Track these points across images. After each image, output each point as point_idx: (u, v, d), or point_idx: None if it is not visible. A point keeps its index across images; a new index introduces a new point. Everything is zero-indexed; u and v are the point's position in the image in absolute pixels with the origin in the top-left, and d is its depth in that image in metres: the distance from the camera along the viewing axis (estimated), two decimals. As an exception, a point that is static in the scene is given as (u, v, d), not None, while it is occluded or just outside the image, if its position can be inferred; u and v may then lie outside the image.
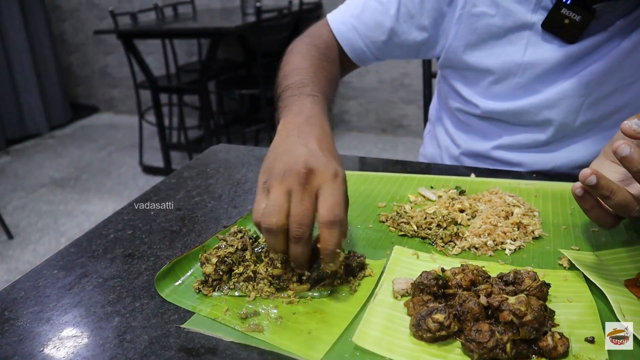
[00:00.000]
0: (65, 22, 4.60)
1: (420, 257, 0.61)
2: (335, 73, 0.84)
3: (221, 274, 0.57)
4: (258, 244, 0.60)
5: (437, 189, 0.77)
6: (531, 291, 0.51)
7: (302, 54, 0.82)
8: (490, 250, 0.62)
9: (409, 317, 0.51)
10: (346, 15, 0.88)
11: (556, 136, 0.82)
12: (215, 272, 0.57)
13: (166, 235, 0.70)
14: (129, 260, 0.65)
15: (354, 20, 0.87)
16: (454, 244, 0.64)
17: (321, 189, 0.52)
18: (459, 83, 0.88)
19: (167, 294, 0.57)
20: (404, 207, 0.72)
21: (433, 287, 0.51)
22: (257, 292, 0.56)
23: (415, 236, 0.66)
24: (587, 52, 0.76)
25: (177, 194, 0.82)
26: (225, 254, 0.58)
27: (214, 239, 0.65)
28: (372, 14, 0.86)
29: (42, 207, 3.00)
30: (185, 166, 0.94)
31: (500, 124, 0.86)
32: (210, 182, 0.86)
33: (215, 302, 0.55)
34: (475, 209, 0.70)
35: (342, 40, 0.87)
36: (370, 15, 0.86)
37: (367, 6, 0.87)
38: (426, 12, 0.83)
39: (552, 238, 0.65)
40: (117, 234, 0.71)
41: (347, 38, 0.87)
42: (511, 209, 0.68)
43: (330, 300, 0.54)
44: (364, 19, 0.86)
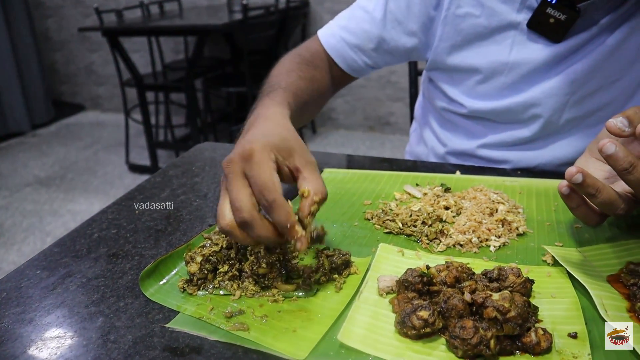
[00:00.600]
0: (49, 19, 4.54)
1: (405, 254, 0.61)
2: (316, 74, 0.85)
3: (206, 272, 0.57)
4: (243, 243, 0.60)
5: (422, 187, 0.77)
6: (515, 287, 0.52)
7: (282, 63, 0.84)
8: (475, 247, 0.62)
9: (394, 315, 0.51)
10: (334, 27, 0.89)
11: (541, 134, 0.83)
12: (200, 271, 0.57)
13: (151, 234, 0.70)
14: (113, 259, 0.64)
15: (342, 31, 0.88)
16: (439, 241, 0.64)
17: (246, 173, 0.52)
18: (444, 83, 0.88)
19: (152, 294, 0.56)
20: (390, 205, 0.72)
21: (418, 285, 0.52)
22: (242, 290, 0.56)
23: (401, 233, 0.66)
24: (572, 50, 0.77)
25: (162, 193, 0.82)
26: (210, 252, 0.57)
27: (198, 238, 0.65)
28: (358, 24, 0.87)
29: (26, 207, 2.97)
30: (171, 164, 0.93)
31: (486, 123, 0.87)
32: (196, 181, 0.86)
33: (200, 301, 0.55)
34: (460, 206, 0.70)
35: (333, 52, 0.88)
36: (357, 24, 0.87)
37: (353, 16, 0.88)
38: (414, 17, 0.84)
39: (536, 234, 0.65)
40: (102, 233, 0.71)
41: (337, 49, 0.88)
42: (496, 206, 0.68)
43: (315, 299, 0.54)
44: (352, 29, 0.87)
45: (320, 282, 0.56)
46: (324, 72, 0.87)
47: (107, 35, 2.96)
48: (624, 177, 0.50)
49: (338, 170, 0.84)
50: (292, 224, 0.50)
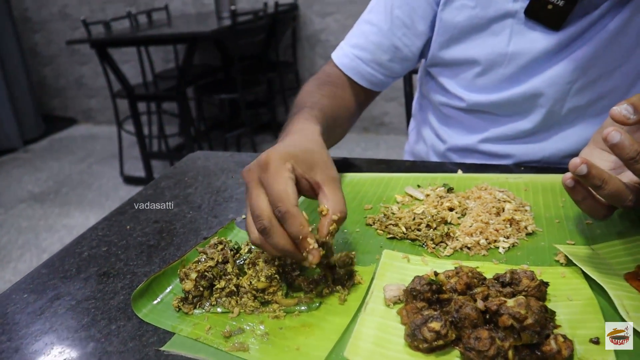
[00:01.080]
0: (37, 33, 4.50)
1: (411, 260, 0.58)
2: (338, 92, 0.84)
3: (202, 289, 0.54)
4: (240, 256, 0.57)
5: (424, 188, 0.74)
6: (530, 291, 0.49)
7: (302, 90, 0.83)
8: (484, 249, 0.59)
9: (403, 326, 0.48)
10: (346, 47, 0.88)
11: (543, 125, 0.80)
12: (195, 288, 0.54)
13: (143, 250, 0.67)
14: (104, 279, 0.61)
15: (354, 50, 0.87)
16: (445, 245, 0.61)
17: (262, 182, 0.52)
18: (443, 77, 0.86)
19: (145, 314, 0.53)
20: (391, 209, 0.69)
21: (427, 293, 0.49)
22: (241, 307, 0.53)
23: (405, 238, 0.63)
24: (573, 38, 0.74)
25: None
26: (205, 268, 0.54)
27: (193, 252, 0.62)
28: (367, 38, 0.85)
29: (21, 223, 2.92)
30: (163, 176, 0.90)
31: (486, 117, 0.84)
32: (189, 192, 0.83)
33: (196, 321, 0.52)
34: (464, 206, 0.67)
35: (350, 72, 0.86)
36: (367, 39, 0.85)
37: (361, 32, 0.87)
38: (419, 19, 0.82)
39: (546, 233, 0.62)
40: (91, 251, 0.67)
41: (353, 67, 0.86)
42: (502, 205, 0.65)
43: (318, 313, 0.51)
44: (362, 45, 0.86)
45: (323, 294, 0.53)
46: (345, 90, 0.86)
47: (95, 47, 2.93)
48: (630, 166, 0.47)
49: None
50: (304, 235, 0.48)
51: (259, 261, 0.54)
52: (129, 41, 3.20)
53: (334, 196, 0.52)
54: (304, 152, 0.55)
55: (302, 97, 0.80)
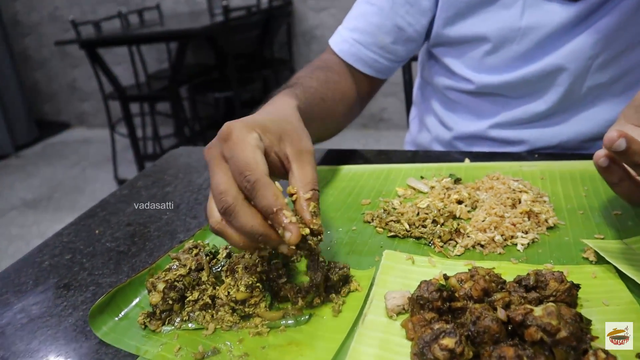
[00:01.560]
0: (27, 37, 4.42)
1: (416, 262, 0.50)
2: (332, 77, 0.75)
3: (171, 302, 0.46)
4: (217, 262, 0.49)
5: (428, 179, 0.66)
6: (559, 296, 0.41)
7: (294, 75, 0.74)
8: (499, 246, 0.51)
9: (408, 342, 0.40)
10: (344, 32, 0.78)
11: (560, 106, 0.72)
12: (163, 301, 0.46)
13: (111, 257, 0.59)
14: (63, 292, 0.53)
15: (353, 34, 0.77)
16: (455, 243, 0.53)
17: (225, 155, 0.44)
18: (448, 58, 0.77)
19: (105, 333, 0.45)
20: (392, 203, 0.61)
21: (436, 302, 0.41)
22: (217, 322, 0.45)
23: (408, 236, 0.55)
24: (593, 8, 0.66)
25: (127, 207, 0.71)
26: (175, 277, 0.47)
27: (165, 259, 0.54)
28: (368, 20, 0.76)
29: (12, 231, 2.84)
30: (141, 174, 0.82)
31: (496, 99, 0.76)
32: (168, 191, 0.75)
33: (164, 340, 0.44)
34: (475, 198, 0.59)
35: (350, 58, 0.77)
36: (367, 21, 0.76)
37: (360, 14, 0.77)
38: None
39: (569, 227, 0.54)
40: (53, 260, 0.60)
41: (353, 54, 0.77)
42: (518, 196, 0.57)
43: (308, 327, 0.43)
44: (362, 28, 0.77)
45: (314, 305, 0.45)
46: (344, 78, 0.77)
47: (85, 48, 2.85)
48: None
49: (329, 168, 0.73)
50: (279, 207, 0.40)
51: (239, 267, 0.46)
52: (118, 40, 3.12)
53: (301, 171, 0.45)
54: (272, 122, 0.47)
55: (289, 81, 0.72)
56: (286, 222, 0.39)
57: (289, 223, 0.39)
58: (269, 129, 0.46)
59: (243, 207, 0.41)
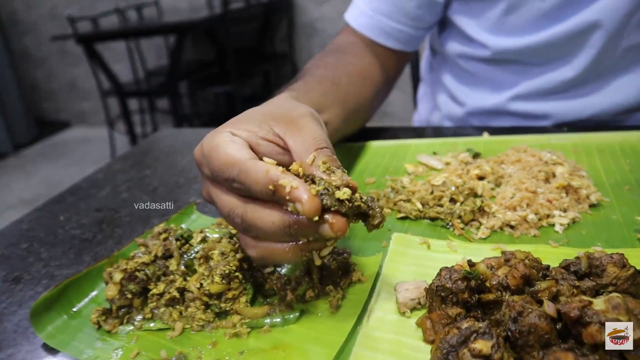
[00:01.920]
0: (26, 36, 4.36)
1: (432, 246, 0.41)
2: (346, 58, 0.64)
3: (130, 297, 0.37)
4: (190, 248, 0.40)
5: (442, 155, 0.57)
6: (620, 285, 0.32)
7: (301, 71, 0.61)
8: (533, 227, 0.42)
9: (427, 346, 0.31)
10: (361, 5, 0.68)
11: (591, 73, 0.62)
12: (120, 295, 0.37)
13: (73, 246, 0.50)
14: (11, 286, 0.45)
15: (372, 3, 0.67)
16: (478, 224, 0.44)
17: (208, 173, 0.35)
18: (463, 18, 0.67)
19: (50, 334, 0.37)
20: (401, 181, 0.52)
21: (463, 293, 0.32)
22: (186, 321, 0.36)
23: (421, 217, 0.46)
24: None
25: (100, 192, 0.62)
26: (136, 266, 0.38)
27: (132, 246, 0.45)
28: None
29: (8, 231, 2.77)
30: (120, 157, 0.74)
31: (516, 68, 0.66)
32: (146, 174, 0.66)
33: (121, 343, 0.35)
34: (499, 174, 0.50)
35: (371, 32, 0.67)
36: None
37: None
38: None
39: (615, 204, 0.45)
40: (7, 250, 0.51)
41: (373, 26, 0.67)
42: (551, 169, 0.48)
43: (298, 327, 0.34)
44: None
45: (307, 299, 0.36)
46: (360, 58, 0.66)
47: (82, 43, 2.77)
48: None
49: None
50: (274, 179, 0.30)
51: (214, 254, 0.37)
52: (116, 34, 3.04)
53: (296, 139, 0.35)
54: (247, 115, 0.39)
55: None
56: (288, 190, 0.30)
57: (291, 190, 0.29)
58: (242, 120, 0.37)
59: (255, 211, 0.32)
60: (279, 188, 0.30)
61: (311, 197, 0.29)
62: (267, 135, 0.36)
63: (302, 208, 0.29)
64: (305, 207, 0.29)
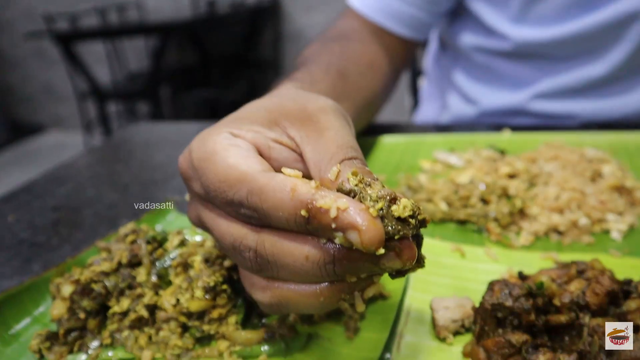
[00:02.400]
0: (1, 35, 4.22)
1: (467, 254, 0.33)
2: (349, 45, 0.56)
3: (84, 317, 0.28)
4: (164, 253, 0.31)
5: (461, 152, 0.50)
6: None
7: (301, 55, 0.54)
8: (586, 233, 0.35)
9: (483, 386, 0.23)
10: None
11: (625, 70, 0.56)
12: (71, 314, 0.28)
13: (20, 252, 0.41)
14: (-64, 301, 0.35)
15: None
16: (517, 229, 0.36)
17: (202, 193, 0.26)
18: (482, 5, 0.59)
19: (-26, 368, 0.28)
20: (418, 179, 0.44)
21: (528, 315, 0.24)
22: (157, 348, 0.28)
23: (448, 220, 0.38)
24: None
25: (59, 188, 0.53)
26: (92, 276, 0.29)
27: (91, 251, 0.36)
28: None
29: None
30: (88, 150, 0.65)
31: (539, 63, 0.59)
32: (116, 169, 0.57)
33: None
34: (533, 172, 0.43)
35: (379, 16, 0.59)
36: None
37: None
38: None
39: (675, 208, 0.38)
40: (-61, 255, 0.42)
41: (384, 10, 0.59)
42: (598, 167, 0.41)
43: (306, 358, 0.26)
44: None
45: (315, 319, 0.28)
46: (367, 46, 0.58)
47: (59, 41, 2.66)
48: None
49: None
50: (307, 199, 0.21)
51: (195, 261, 0.29)
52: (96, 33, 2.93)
53: (315, 146, 0.25)
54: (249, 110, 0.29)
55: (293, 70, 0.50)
56: (334, 215, 0.20)
57: (339, 214, 0.20)
58: (244, 116, 0.28)
59: (276, 243, 0.23)
60: (316, 213, 0.21)
61: (372, 222, 0.20)
62: (280, 137, 0.27)
63: (359, 238, 0.20)
64: (365, 237, 0.20)
